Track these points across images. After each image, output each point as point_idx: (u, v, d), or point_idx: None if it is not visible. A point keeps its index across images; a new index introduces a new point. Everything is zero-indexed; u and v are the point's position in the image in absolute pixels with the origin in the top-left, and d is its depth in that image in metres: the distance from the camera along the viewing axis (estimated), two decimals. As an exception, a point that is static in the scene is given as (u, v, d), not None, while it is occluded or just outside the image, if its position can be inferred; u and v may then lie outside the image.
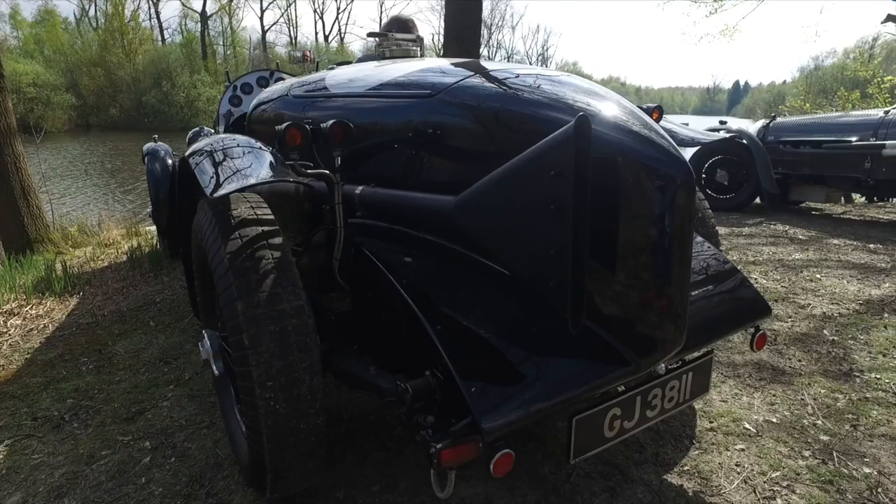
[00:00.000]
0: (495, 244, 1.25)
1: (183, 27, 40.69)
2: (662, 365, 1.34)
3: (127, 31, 34.38)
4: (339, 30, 56.36)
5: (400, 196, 1.50)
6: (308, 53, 3.48)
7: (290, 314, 1.27)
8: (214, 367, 1.54)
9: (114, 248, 4.89)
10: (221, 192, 1.24)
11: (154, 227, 5.04)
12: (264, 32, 44.11)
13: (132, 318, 3.11)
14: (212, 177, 1.31)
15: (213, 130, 4.41)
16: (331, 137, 1.41)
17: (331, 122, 1.40)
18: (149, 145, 4.26)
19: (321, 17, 56.15)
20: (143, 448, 1.88)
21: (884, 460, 1.74)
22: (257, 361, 1.22)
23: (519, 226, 1.16)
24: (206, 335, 1.57)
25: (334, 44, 48.19)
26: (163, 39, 40.43)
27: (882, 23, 9.88)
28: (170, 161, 4.12)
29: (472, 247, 1.42)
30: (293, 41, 46.36)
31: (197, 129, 4.55)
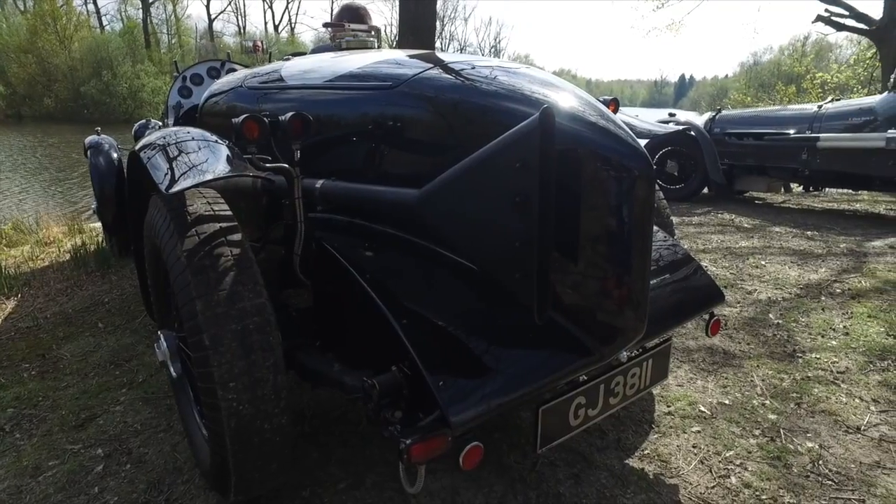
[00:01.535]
0: (460, 236, 1.25)
1: (123, 14, 38.70)
2: (624, 353, 1.37)
3: (60, 16, 32.35)
4: (290, 20, 55.01)
5: (362, 189, 1.48)
6: (259, 43, 3.37)
7: (252, 312, 1.24)
8: (172, 369, 1.49)
9: (55, 247, 4.64)
10: (177, 188, 1.19)
11: (99, 224, 4.80)
12: (211, 21, 42.53)
13: (78, 320, 2.96)
14: (166, 172, 1.25)
15: (160, 123, 4.24)
16: (290, 130, 1.37)
17: (289, 114, 1.36)
18: (91, 138, 4.05)
19: (270, 7, 54.66)
20: (96, 456, 1.79)
21: (824, 435, 1.85)
22: (219, 362, 1.18)
23: (483, 218, 1.17)
24: (162, 336, 1.51)
25: (284, 34, 46.96)
26: (101, 26, 38.30)
27: (812, 22, 10.42)
28: (115, 155, 3.93)
29: (436, 240, 1.41)
30: (241, 31, 44.92)
31: (143, 121, 4.37)
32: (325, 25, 2.57)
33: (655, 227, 1.86)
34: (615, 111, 2.10)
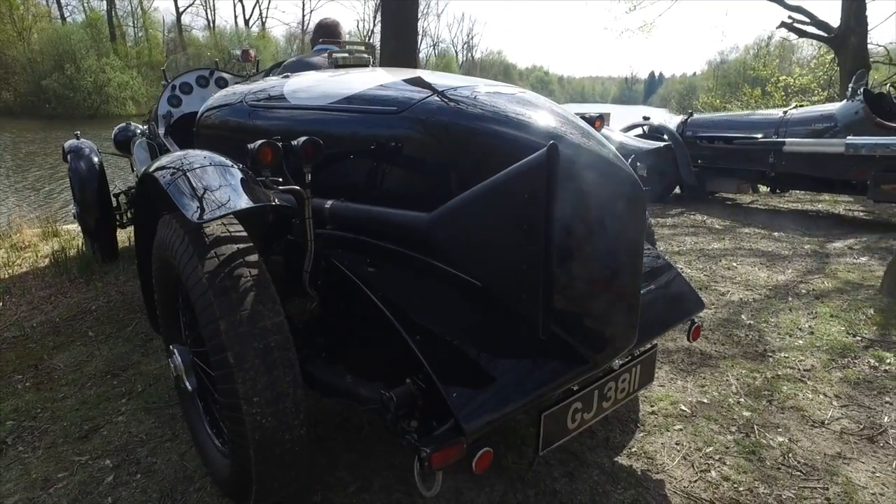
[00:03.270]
0: (469, 258, 1.35)
1: (85, 5, 37.39)
2: (616, 360, 1.49)
3: (16, 6, 31.09)
4: (261, 14, 54.00)
5: (371, 211, 1.55)
6: (251, 52, 3.39)
7: (272, 330, 1.31)
8: (188, 383, 1.54)
9: (31, 252, 4.56)
10: (207, 217, 1.26)
11: (76, 227, 4.73)
12: (179, 14, 41.44)
13: (67, 329, 2.95)
14: (191, 199, 1.31)
15: (140, 127, 4.21)
16: (302, 154, 1.44)
17: (302, 139, 1.43)
18: (71, 142, 4.01)
19: (240, 0, 53.38)
20: (104, 467, 1.83)
21: (793, 429, 2.01)
22: (243, 378, 1.25)
23: (493, 242, 1.26)
24: (176, 351, 1.57)
25: (255, 28, 46.13)
26: (62, 18, 36.93)
27: (776, 28, 10.85)
28: (96, 159, 3.91)
29: (445, 261, 1.50)
30: (211, 25, 43.92)
31: (123, 125, 4.33)
32: (319, 42, 2.64)
33: None
34: (601, 127, 2.21)
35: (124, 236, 4.62)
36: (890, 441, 1.93)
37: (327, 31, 2.92)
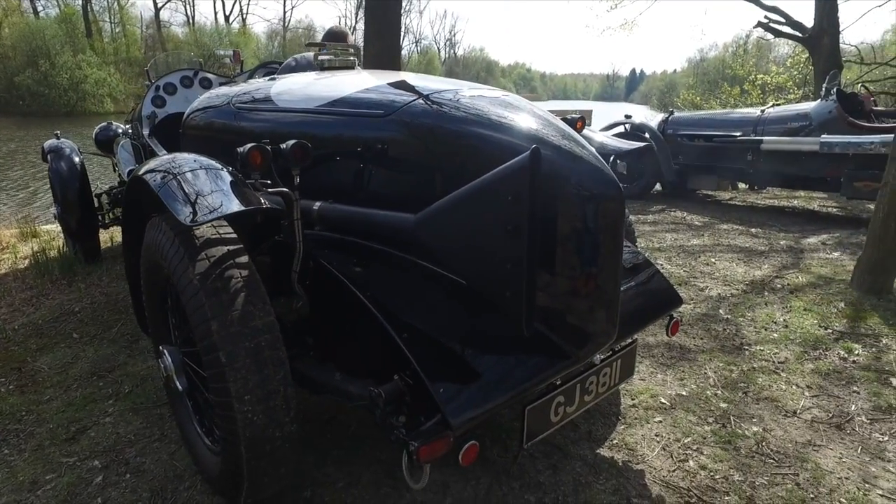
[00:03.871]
0: (454, 258, 1.38)
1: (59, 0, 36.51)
2: (597, 355, 1.54)
3: (-16, -2, 30.30)
4: (241, 10, 53.30)
5: (358, 212, 1.58)
6: (239, 53, 3.40)
7: (263, 330, 1.34)
8: (178, 383, 1.56)
9: (10, 253, 4.49)
10: (200, 220, 1.28)
11: (56, 227, 4.68)
12: (157, 10, 40.74)
13: (50, 331, 2.93)
14: (181, 203, 1.33)
15: (122, 127, 4.18)
16: (290, 158, 1.47)
17: (291, 143, 1.46)
18: (51, 142, 3.97)
19: (220, -5, 52.62)
20: (93, 467, 1.84)
21: (766, 419, 2.09)
22: (234, 377, 1.28)
23: (478, 243, 1.30)
24: (166, 352, 1.58)
25: (235, 25, 45.55)
26: (35, 12, 36.03)
27: (753, 28, 11.05)
28: (77, 159, 3.87)
29: (431, 260, 1.54)
30: (190, 21, 43.26)
31: (104, 124, 4.29)
32: (309, 45, 2.65)
33: None
34: (582, 129, 2.26)
35: (106, 237, 4.58)
36: (856, 428, 2.02)
37: (334, 39, 2.94)
